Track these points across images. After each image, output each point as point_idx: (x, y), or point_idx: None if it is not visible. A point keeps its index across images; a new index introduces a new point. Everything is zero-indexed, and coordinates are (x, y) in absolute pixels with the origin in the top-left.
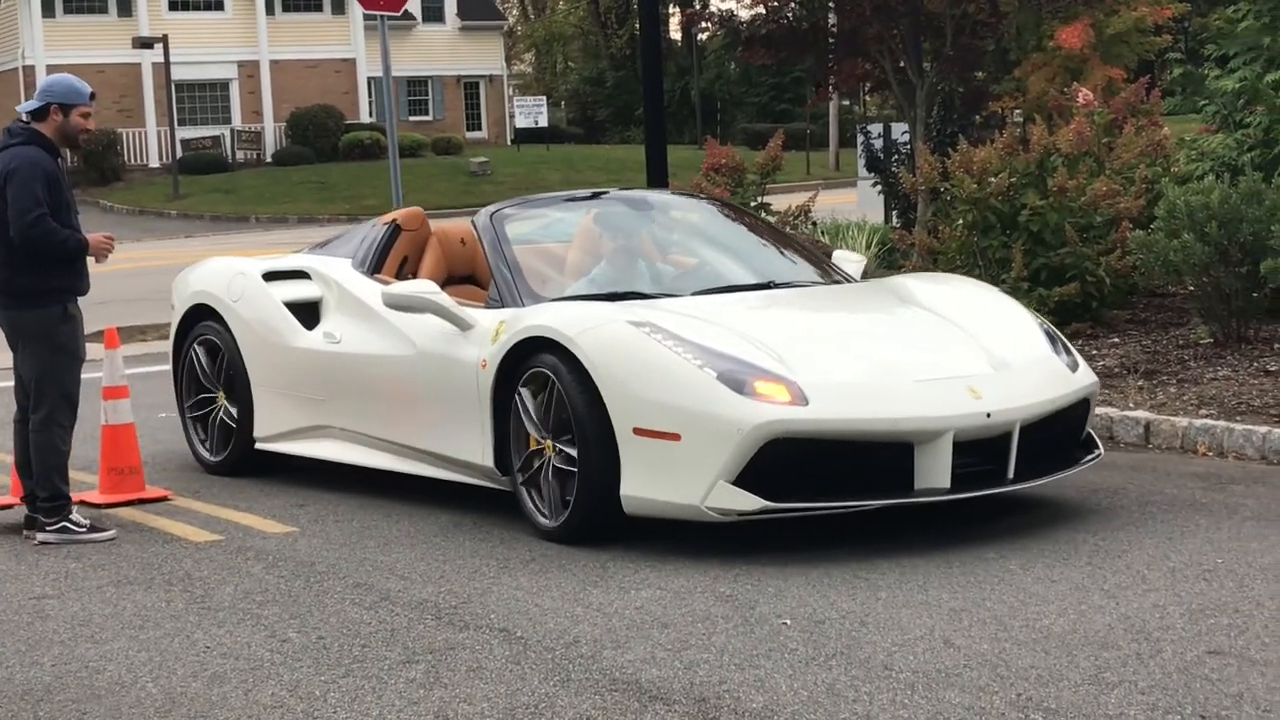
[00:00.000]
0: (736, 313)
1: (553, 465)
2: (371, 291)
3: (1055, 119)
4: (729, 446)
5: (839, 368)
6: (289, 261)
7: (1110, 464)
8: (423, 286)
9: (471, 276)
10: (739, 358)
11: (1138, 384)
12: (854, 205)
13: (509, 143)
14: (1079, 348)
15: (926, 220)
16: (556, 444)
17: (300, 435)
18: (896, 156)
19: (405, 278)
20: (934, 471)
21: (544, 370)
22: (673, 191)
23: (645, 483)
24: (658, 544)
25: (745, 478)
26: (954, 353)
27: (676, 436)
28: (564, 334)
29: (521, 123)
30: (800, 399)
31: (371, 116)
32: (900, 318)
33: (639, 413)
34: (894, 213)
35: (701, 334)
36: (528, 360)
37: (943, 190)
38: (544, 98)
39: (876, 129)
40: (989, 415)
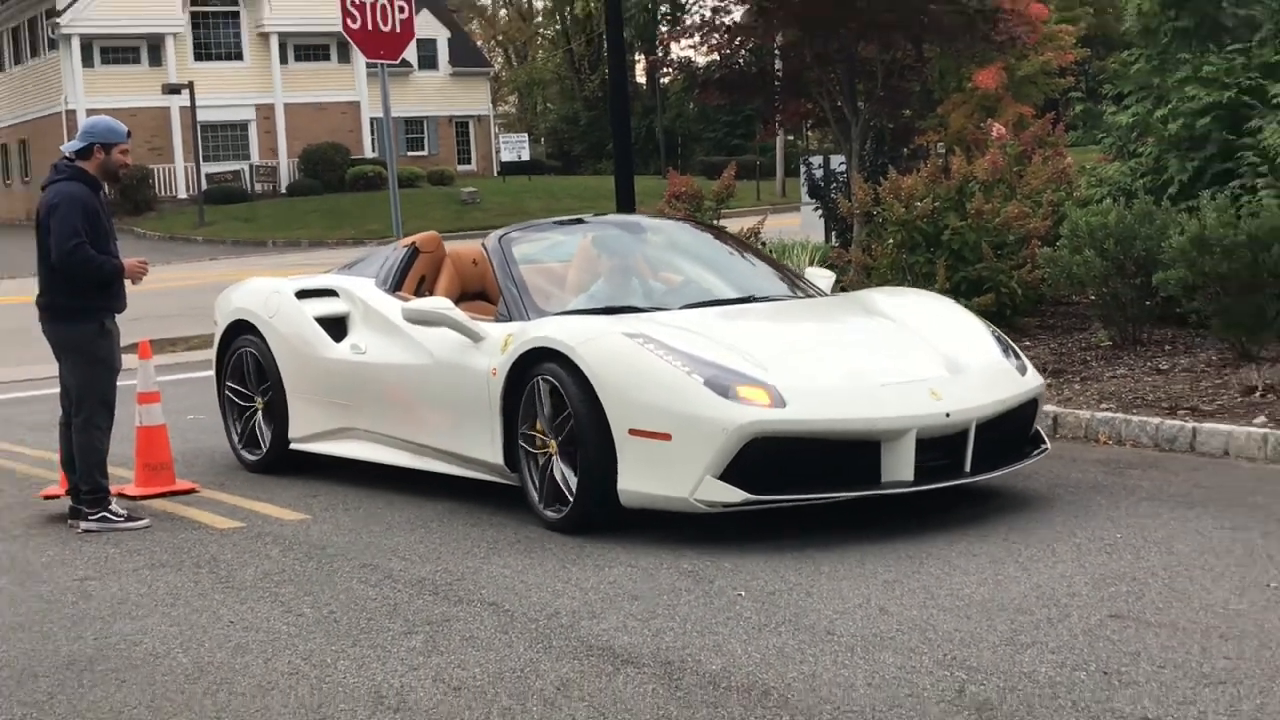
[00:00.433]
0: (720, 324)
1: (556, 463)
2: (393, 307)
3: (973, 150)
4: (715, 445)
5: (813, 373)
6: (319, 281)
7: None
8: (439, 303)
9: (482, 293)
10: (723, 365)
11: (1046, 382)
12: (798, 227)
13: (495, 174)
14: None
15: (861, 240)
16: (559, 444)
17: (329, 436)
18: (835, 184)
19: (423, 295)
20: (899, 466)
21: (548, 377)
22: (662, 216)
23: (640, 478)
24: (628, 528)
25: (730, 473)
26: (915, 359)
27: (668, 436)
28: (566, 345)
29: (506, 156)
30: (779, 402)
31: (374, 152)
32: (867, 328)
33: (634, 415)
34: (833, 233)
35: (689, 344)
36: (534, 368)
37: (875, 214)
38: (526, 135)
39: (817, 160)
40: (948, 415)
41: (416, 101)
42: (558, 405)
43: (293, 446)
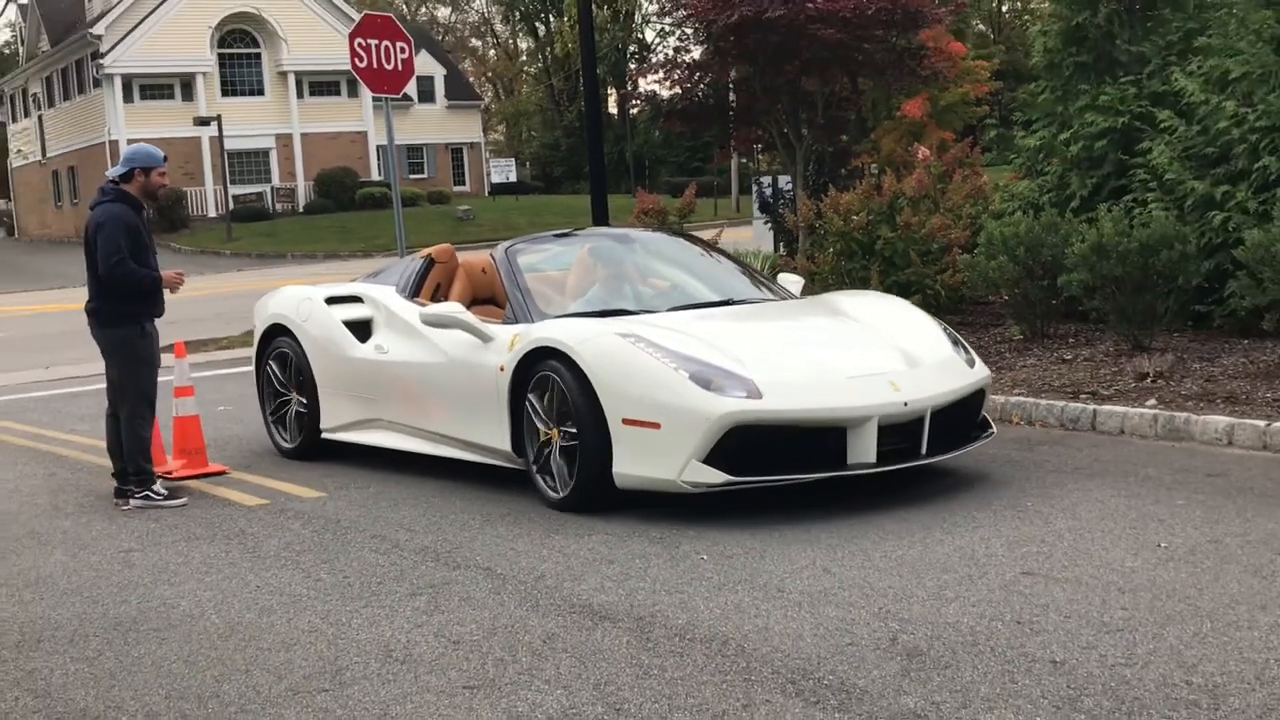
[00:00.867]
0: (703, 324)
1: (558, 449)
2: (412, 312)
3: (902, 171)
4: (699, 433)
5: (786, 367)
6: (346, 289)
7: None
8: (452, 308)
9: (491, 298)
10: (706, 361)
11: None
12: (751, 239)
13: (487, 194)
14: None
15: (806, 249)
16: (561, 432)
17: (356, 426)
18: (782, 201)
19: (438, 300)
20: (863, 449)
21: (550, 373)
22: (651, 230)
23: (632, 462)
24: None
25: (713, 457)
26: (877, 354)
27: (657, 425)
28: (566, 344)
29: (496, 178)
30: (756, 394)
31: (380, 175)
32: (833, 326)
33: (627, 406)
34: (781, 244)
35: (676, 342)
36: (538, 365)
37: (817, 226)
38: (513, 159)
39: (767, 180)
40: (906, 404)
41: (417, 131)
42: (559, 398)
43: (324, 436)
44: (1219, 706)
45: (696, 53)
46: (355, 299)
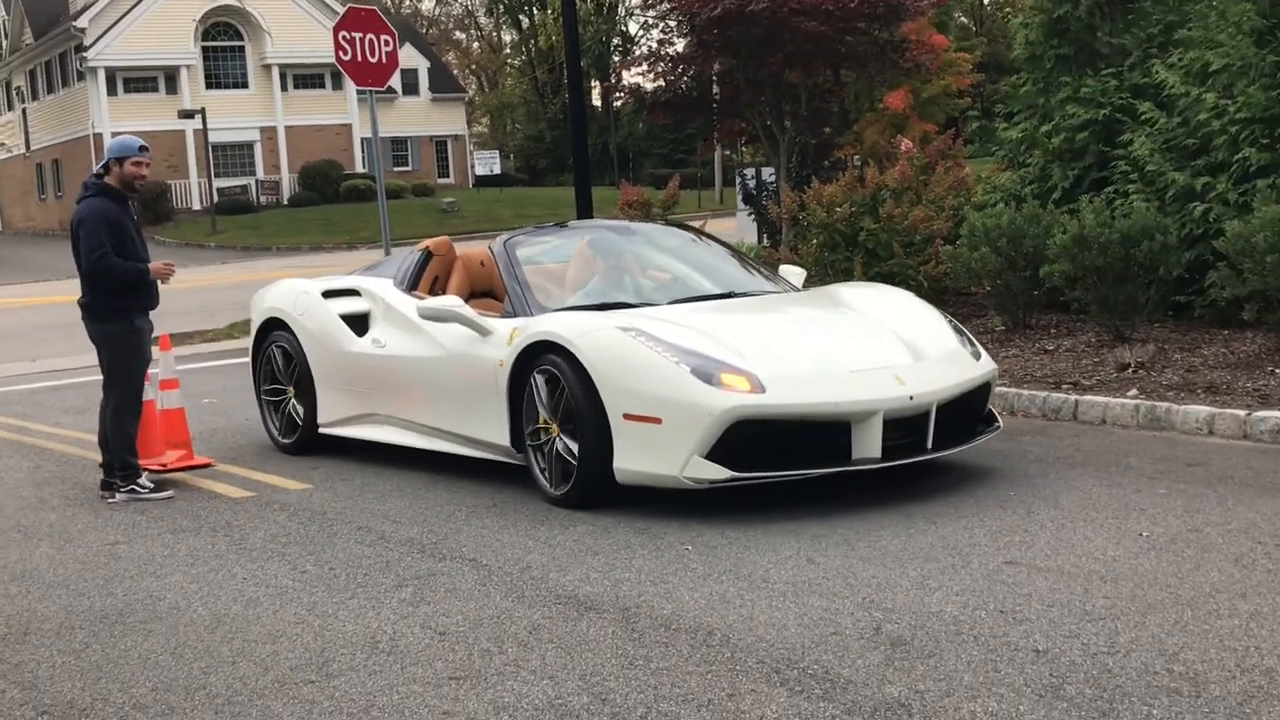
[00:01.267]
0: (704, 318)
1: (558, 445)
2: (409, 305)
3: (884, 162)
4: (701, 428)
5: (789, 361)
6: (343, 282)
7: None
8: (450, 301)
9: (490, 292)
10: (708, 354)
11: None
12: (734, 230)
13: (471, 186)
14: None
15: (789, 241)
16: (561, 427)
17: (354, 421)
18: (766, 193)
19: (436, 294)
20: (867, 444)
21: (550, 367)
22: (650, 221)
23: (633, 458)
24: None
25: (715, 453)
26: (881, 347)
27: (658, 420)
28: (566, 338)
29: (480, 171)
30: (759, 387)
31: (364, 168)
32: (837, 319)
33: (627, 401)
34: (764, 235)
35: (677, 336)
36: (537, 359)
37: (801, 218)
38: (497, 151)
39: (750, 172)
40: (911, 398)
41: (401, 123)
42: (559, 393)
43: (321, 430)
44: (1200, 694)
45: (680, 45)
46: (352, 292)
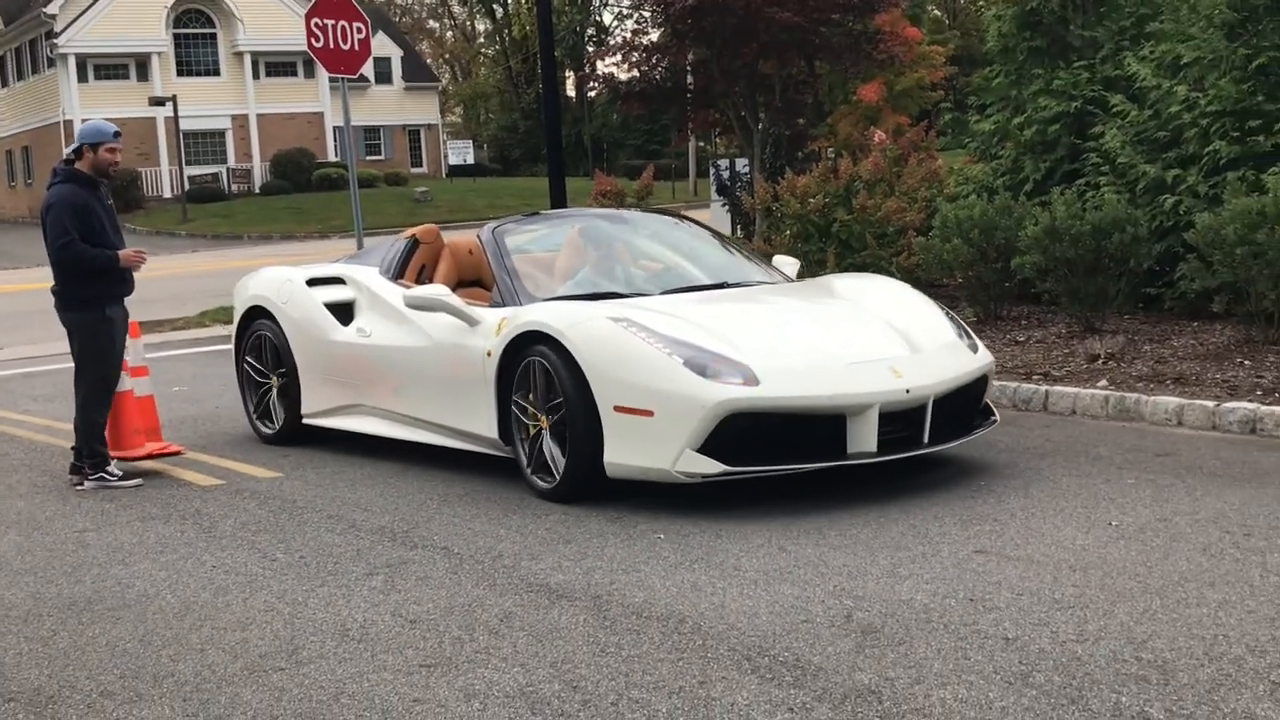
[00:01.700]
0: (698, 308)
1: (547, 438)
2: (395, 294)
3: (858, 154)
4: (694, 421)
5: (784, 353)
6: (327, 270)
7: None
8: (437, 290)
9: (478, 281)
10: (701, 346)
11: None
12: (708, 221)
13: (444, 176)
14: None
15: (763, 232)
16: (550, 419)
17: (338, 412)
18: (739, 184)
19: (423, 282)
20: (863, 438)
21: (539, 359)
22: (643, 209)
23: (624, 452)
24: None
25: (708, 446)
26: (877, 339)
27: (650, 413)
28: (555, 328)
29: (454, 160)
30: (752, 380)
31: (336, 156)
32: (832, 310)
33: (618, 393)
34: (738, 226)
35: (669, 327)
36: (526, 350)
37: (774, 209)
38: (471, 141)
39: (724, 163)
40: (908, 391)
41: (374, 112)
42: (548, 384)
43: (305, 421)
44: (1168, 682)
45: (654, 35)
46: (337, 280)
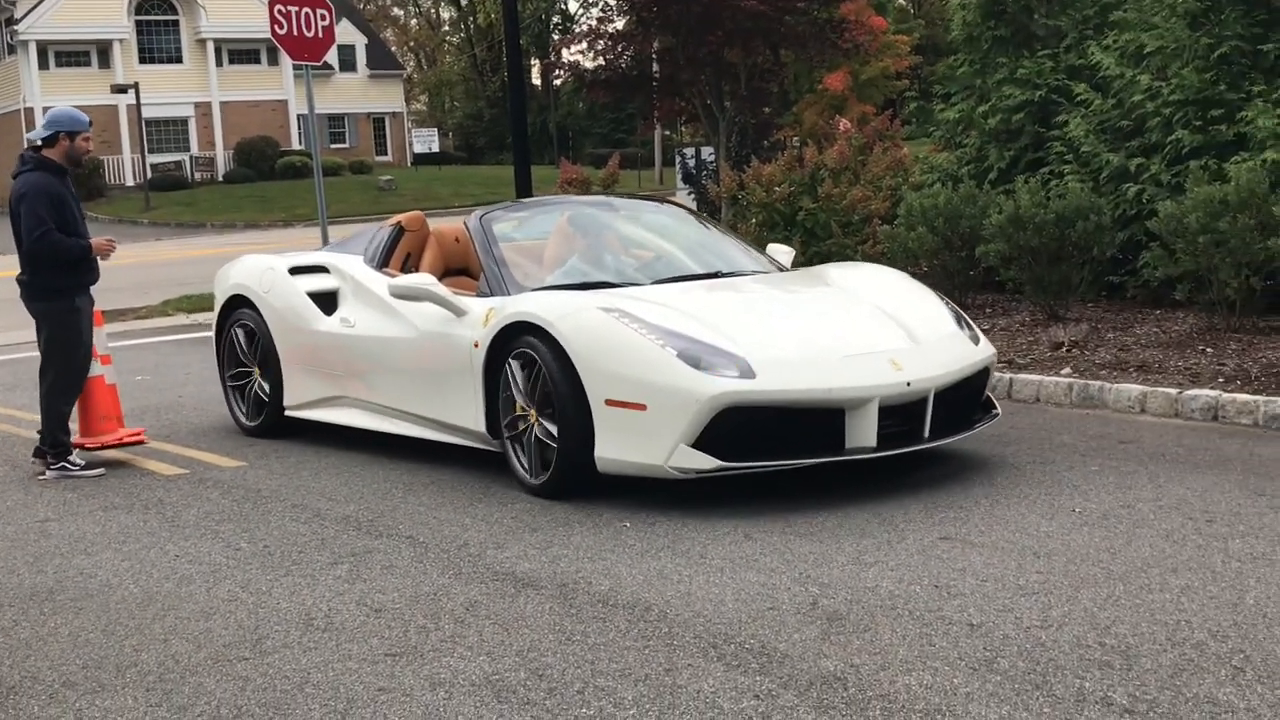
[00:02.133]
0: (691, 299)
1: (536, 432)
2: (380, 283)
3: (823, 143)
4: (688, 415)
5: (781, 345)
6: (310, 258)
7: None
8: (423, 279)
9: (465, 269)
10: (695, 338)
11: None
12: None
13: (409, 164)
14: None
15: (729, 220)
16: (539, 413)
17: (322, 404)
18: (705, 172)
19: (408, 271)
20: (862, 432)
21: (528, 350)
22: (634, 196)
23: (616, 446)
24: None
25: (702, 441)
26: (876, 330)
27: (643, 407)
28: (545, 319)
29: (419, 148)
30: (748, 373)
31: (300, 144)
32: (829, 301)
33: (610, 386)
34: (704, 215)
35: (663, 318)
36: (514, 341)
37: (740, 197)
38: (436, 129)
39: (690, 151)
40: (909, 384)
41: (338, 100)
42: (537, 377)
43: (287, 413)
44: (1131, 667)
45: (620, 23)
46: (320, 269)
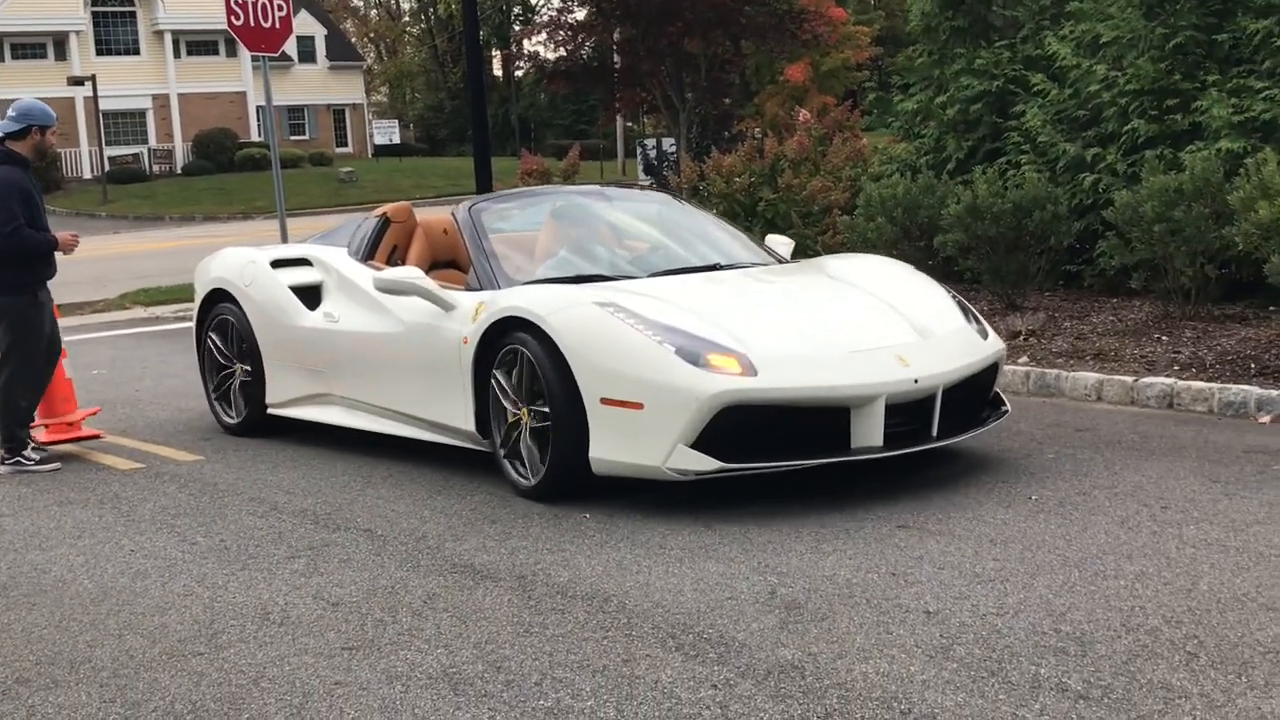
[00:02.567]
0: (689, 292)
1: (528, 431)
2: (365, 276)
3: (784, 134)
4: (687, 414)
5: (783, 340)
6: (293, 250)
7: None
8: (409, 272)
9: (453, 262)
10: (694, 333)
11: None
12: None
13: (370, 156)
14: None
15: None
16: (531, 412)
17: (305, 402)
18: (666, 163)
19: (395, 264)
20: (869, 432)
21: (519, 346)
22: (628, 186)
23: (612, 447)
24: (488, 463)
25: (702, 441)
26: (883, 325)
27: (640, 405)
28: (537, 314)
29: (379, 140)
30: (750, 370)
31: (259, 136)
32: (833, 294)
33: (605, 384)
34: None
35: (660, 312)
36: (505, 337)
37: (701, 188)
38: (396, 121)
39: (651, 142)
40: (916, 381)
41: (297, 91)
42: (529, 374)
43: (270, 411)
44: (1086, 653)
45: (580, 14)
46: (304, 262)
